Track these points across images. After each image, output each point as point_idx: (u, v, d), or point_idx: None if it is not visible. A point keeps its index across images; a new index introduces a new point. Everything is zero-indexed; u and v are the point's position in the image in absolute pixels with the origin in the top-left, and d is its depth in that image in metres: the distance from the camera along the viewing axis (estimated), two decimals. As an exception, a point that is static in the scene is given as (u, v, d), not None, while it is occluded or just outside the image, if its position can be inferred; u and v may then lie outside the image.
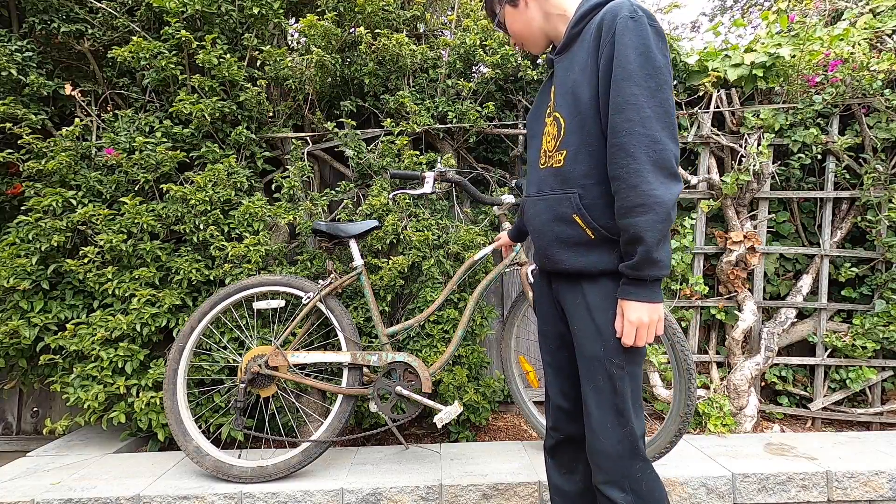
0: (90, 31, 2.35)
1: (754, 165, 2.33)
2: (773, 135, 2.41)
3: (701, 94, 2.51)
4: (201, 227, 2.22)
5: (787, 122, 2.42)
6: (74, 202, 2.20)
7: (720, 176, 2.47)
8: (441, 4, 2.75)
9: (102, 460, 2.09)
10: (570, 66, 1.11)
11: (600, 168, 1.05)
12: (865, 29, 2.54)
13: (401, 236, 2.29)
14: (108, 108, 2.48)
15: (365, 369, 1.97)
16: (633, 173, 0.96)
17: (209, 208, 2.22)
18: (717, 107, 2.47)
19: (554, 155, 1.13)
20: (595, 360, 1.09)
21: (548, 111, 1.19)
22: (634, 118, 0.95)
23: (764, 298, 2.50)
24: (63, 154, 2.20)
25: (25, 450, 2.28)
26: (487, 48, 2.44)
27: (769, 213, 2.50)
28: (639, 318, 1.02)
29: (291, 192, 2.33)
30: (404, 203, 2.35)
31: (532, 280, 1.97)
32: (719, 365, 2.52)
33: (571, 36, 1.11)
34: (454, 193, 2.50)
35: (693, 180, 2.49)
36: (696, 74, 2.54)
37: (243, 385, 1.88)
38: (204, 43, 2.25)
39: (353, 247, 2.03)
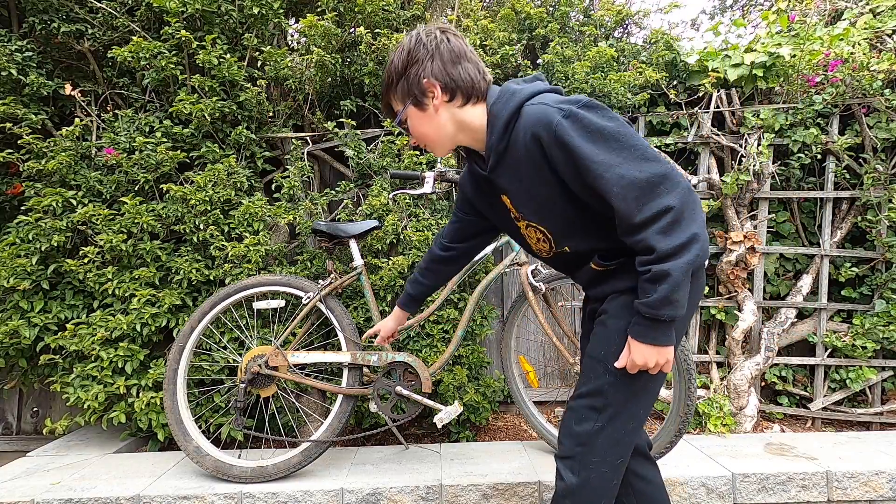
0: (90, 31, 2.35)
1: (754, 165, 2.33)
2: (773, 135, 2.41)
3: (701, 94, 2.51)
4: (201, 227, 2.22)
5: (787, 122, 2.42)
6: (74, 202, 2.20)
7: (720, 176, 2.47)
8: (441, 4, 2.75)
9: (102, 460, 2.09)
10: (516, 181, 1.08)
11: (605, 234, 1.06)
12: (865, 29, 2.54)
13: (401, 236, 2.29)
14: (108, 108, 2.48)
15: (365, 369, 1.97)
16: (644, 242, 0.93)
17: (209, 208, 2.22)
18: (717, 107, 2.47)
19: (558, 250, 1.16)
20: (596, 361, 1.09)
21: (513, 216, 1.18)
22: (636, 194, 0.92)
23: (764, 298, 2.50)
24: (63, 154, 2.20)
25: (25, 450, 2.28)
26: (487, 48, 2.44)
27: (769, 213, 2.50)
28: (644, 363, 1.00)
29: (291, 192, 2.33)
30: (404, 203, 2.34)
31: (532, 280, 1.97)
32: (719, 365, 2.52)
33: (499, 152, 1.07)
34: (454, 193, 2.50)
35: (693, 180, 2.49)
36: (696, 74, 2.54)
37: (243, 385, 1.88)
38: (204, 43, 2.25)
39: (353, 247, 2.03)
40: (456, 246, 1.44)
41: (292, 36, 2.46)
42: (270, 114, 2.45)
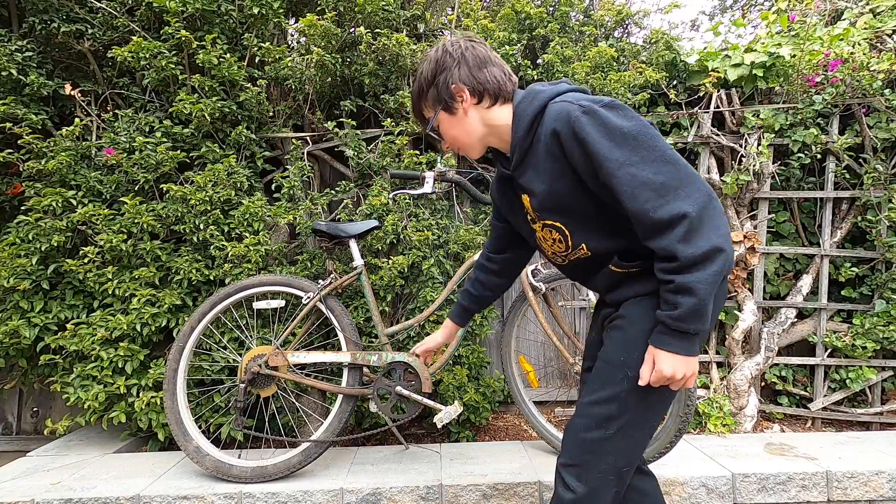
0: (90, 31, 2.35)
1: (754, 165, 2.33)
2: (773, 135, 2.41)
3: (701, 94, 2.51)
4: (201, 227, 2.22)
5: (787, 122, 2.42)
6: (74, 202, 2.20)
7: (720, 176, 2.47)
8: (441, 4, 2.75)
9: (102, 460, 2.09)
10: (537, 177, 1.08)
11: (624, 233, 1.05)
12: (865, 29, 2.55)
13: (401, 236, 2.29)
14: (108, 108, 2.48)
15: (365, 369, 1.97)
16: (665, 250, 0.91)
17: (209, 208, 2.22)
18: (717, 107, 2.47)
19: (574, 252, 1.14)
20: (614, 366, 1.05)
21: (529, 217, 1.18)
22: (649, 195, 0.91)
23: (764, 298, 2.50)
24: (63, 154, 2.20)
25: (25, 450, 2.28)
26: (487, 48, 2.44)
27: (769, 213, 2.50)
28: (673, 373, 0.97)
29: (291, 192, 2.33)
30: (404, 203, 2.34)
31: (532, 280, 1.97)
32: (719, 365, 2.52)
33: (523, 149, 1.08)
34: (454, 193, 2.50)
35: (693, 180, 2.48)
36: (696, 74, 2.54)
37: (243, 385, 1.88)
38: (204, 43, 2.25)
39: (353, 247, 2.03)
40: (496, 257, 1.43)
41: (292, 35, 2.46)
42: (270, 114, 2.45)
